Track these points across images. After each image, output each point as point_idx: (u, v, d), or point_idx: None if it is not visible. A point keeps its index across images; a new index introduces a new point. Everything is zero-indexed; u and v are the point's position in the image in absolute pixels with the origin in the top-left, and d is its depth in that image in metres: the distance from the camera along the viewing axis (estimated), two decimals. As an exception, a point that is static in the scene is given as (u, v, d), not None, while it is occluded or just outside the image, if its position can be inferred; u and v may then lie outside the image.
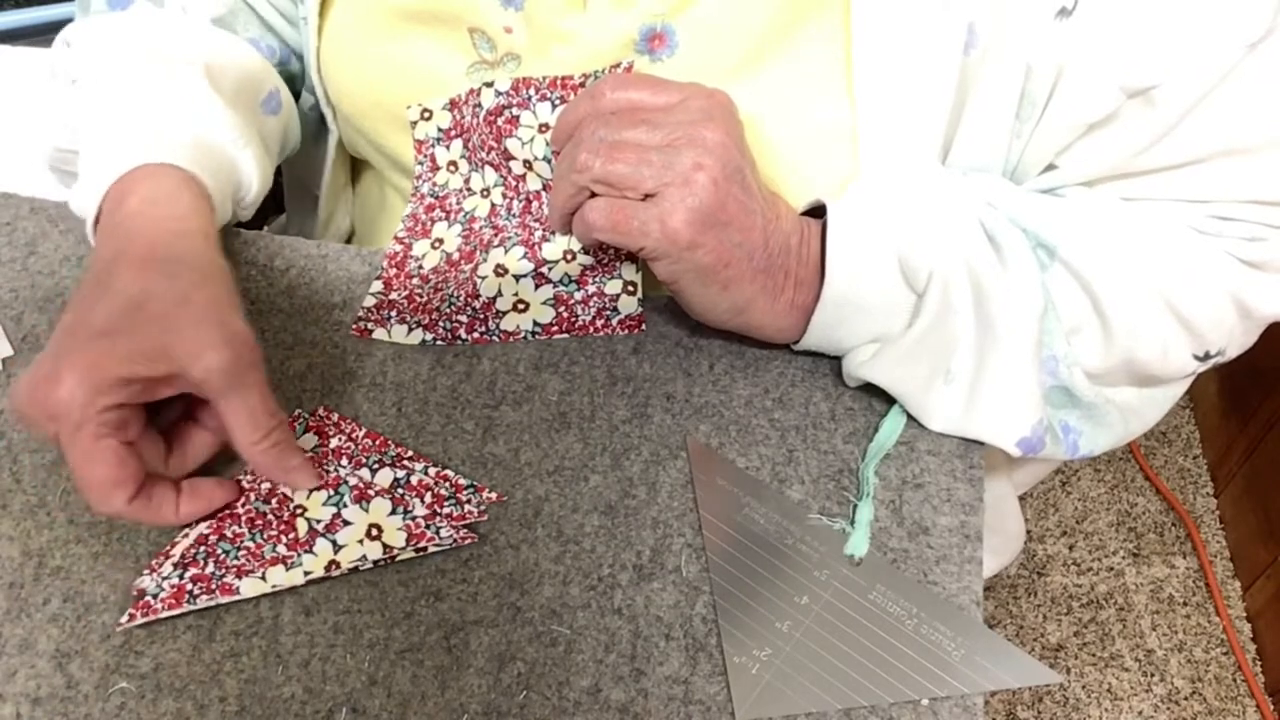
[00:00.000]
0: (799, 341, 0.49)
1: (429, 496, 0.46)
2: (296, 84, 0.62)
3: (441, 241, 0.55)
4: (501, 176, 0.52)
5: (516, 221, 0.52)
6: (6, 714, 0.40)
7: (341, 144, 0.62)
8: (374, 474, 0.46)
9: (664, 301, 0.53)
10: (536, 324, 0.52)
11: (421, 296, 0.52)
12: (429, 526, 0.44)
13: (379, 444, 0.48)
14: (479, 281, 0.50)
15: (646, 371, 0.51)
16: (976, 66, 0.45)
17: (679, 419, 0.49)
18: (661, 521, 0.46)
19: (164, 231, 0.44)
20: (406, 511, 0.45)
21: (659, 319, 0.53)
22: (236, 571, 0.43)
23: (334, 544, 0.44)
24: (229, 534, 0.44)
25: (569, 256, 0.49)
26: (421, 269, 0.54)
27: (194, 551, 0.44)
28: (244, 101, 0.55)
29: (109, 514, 0.41)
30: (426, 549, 0.44)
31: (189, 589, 0.42)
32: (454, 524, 0.45)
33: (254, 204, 0.55)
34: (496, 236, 0.52)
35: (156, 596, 0.42)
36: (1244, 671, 1.23)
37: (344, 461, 0.47)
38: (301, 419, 0.48)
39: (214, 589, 0.42)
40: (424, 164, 0.56)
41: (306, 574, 0.43)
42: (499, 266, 0.50)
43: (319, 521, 0.44)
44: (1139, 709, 1.21)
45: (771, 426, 0.49)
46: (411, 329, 0.52)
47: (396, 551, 0.44)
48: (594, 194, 0.44)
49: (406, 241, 0.56)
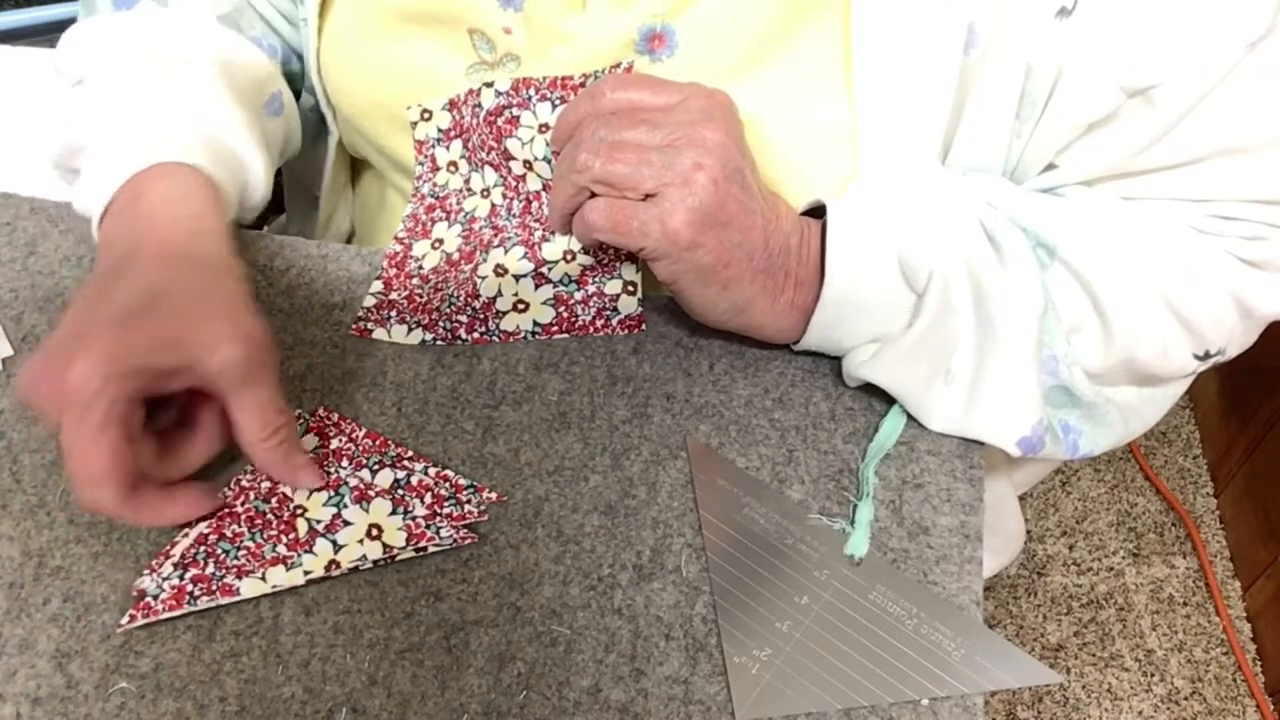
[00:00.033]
0: (799, 342, 0.49)
1: (429, 497, 0.46)
2: (297, 84, 0.62)
3: (441, 242, 0.55)
4: (501, 177, 0.52)
5: (516, 221, 0.52)
6: (6, 714, 0.40)
7: (341, 144, 0.62)
8: (374, 475, 0.46)
9: (664, 301, 0.53)
10: (536, 324, 0.52)
11: (421, 296, 0.52)
12: (429, 526, 0.44)
13: (379, 445, 0.48)
14: (479, 281, 0.50)
15: (646, 371, 0.51)
16: (976, 66, 0.45)
17: (679, 419, 0.49)
18: (661, 521, 0.46)
19: (181, 230, 0.44)
20: (407, 512, 0.45)
21: (659, 319, 0.53)
22: (236, 571, 0.43)
23: (334, 544, 0.44)
24: (229, 534, 0.44)
25: (569, 256, 0.49)
26: (421, 269, 0.54)
27: (194, 551, 0.44)
28: (250, 103, 0.55)
29: (92, 504, 0.40)
30: (426, 549, 0.44)
31: (189, 590, 0.42)
32: (454, 524, 0.45)
33: (257, 208, 0.55)
34: (496, 236, 0.52)
35: (157, 597, 0.42)
36: (1244, 671, 1.23)
37: (344, 463, 0.47)
38: (302, 420, 0.48)
39: (214, 590, 0.42)
40: (424, 164, 0.56)
41: (306, 574, 0.43)
42: (499, 266, 0.50)
43: (319, 521, 0.45)
44: (1139, 709, 1.21)
45: (771, 426, 0.49)
46: (411, 329, 0.52)
47: (396, 551, 0.44)
48: (594, 194, 0.44)
49: (406, 242, 0.56)
